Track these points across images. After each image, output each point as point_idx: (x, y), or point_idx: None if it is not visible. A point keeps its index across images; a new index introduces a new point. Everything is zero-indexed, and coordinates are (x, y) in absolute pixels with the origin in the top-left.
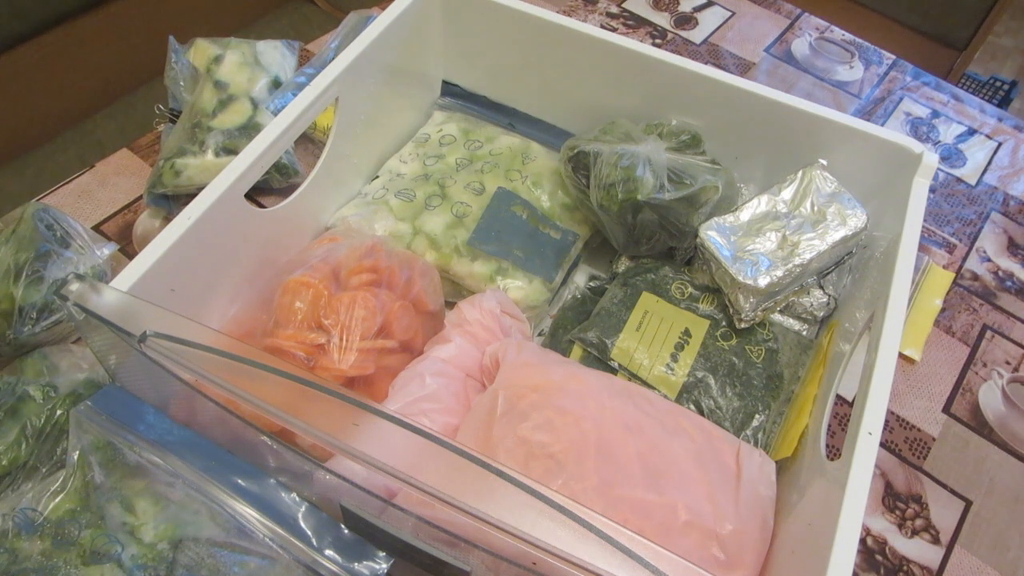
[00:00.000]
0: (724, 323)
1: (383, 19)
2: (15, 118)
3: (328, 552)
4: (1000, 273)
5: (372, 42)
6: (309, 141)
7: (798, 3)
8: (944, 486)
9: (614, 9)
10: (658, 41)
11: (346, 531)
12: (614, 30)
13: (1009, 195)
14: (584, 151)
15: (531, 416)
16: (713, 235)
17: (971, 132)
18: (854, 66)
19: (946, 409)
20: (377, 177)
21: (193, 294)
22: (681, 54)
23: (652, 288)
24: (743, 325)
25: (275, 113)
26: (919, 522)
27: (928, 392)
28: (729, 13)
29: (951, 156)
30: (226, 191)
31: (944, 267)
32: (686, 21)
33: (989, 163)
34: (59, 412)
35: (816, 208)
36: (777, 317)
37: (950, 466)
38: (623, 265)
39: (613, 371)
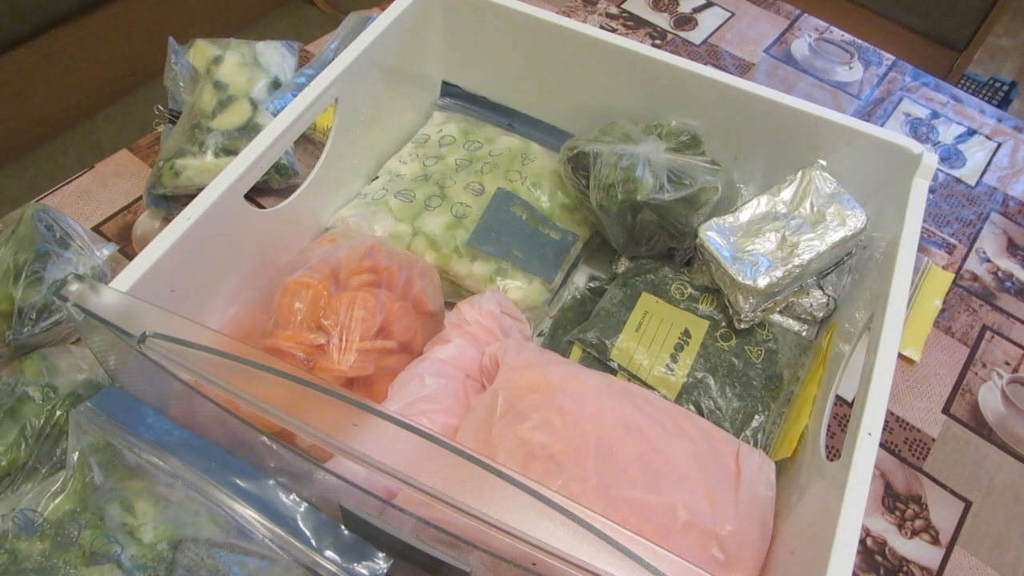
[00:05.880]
0: (724, 324)
1: (383, 20)
2: (15, 118)
3: (328, 553)
4: (1000, 274)
5: (372, 43)
6: (309, 141)
7: (797, 4)
8: (944, 487)
9: (614, 10)
10: (657, 42)
11: (346, 532)
12: (614, 31)
13: (1008, 196)
14: (583, 152)
15: (531, 417)
16: (713, 236)
17: (970, 133)
18: (853, 67)
19: (946, 410)
20: (376, 178)
21: (193, 295)
22: (680, 55)
23: (652, 289)
24: (743, 326)
25: (275, 114)
26: (919, 523)
27: (928, 393)
28: (728, 14)
29: (950, 157)
30: (226, 192)
31: (944, 268)
32: (685, 22)
33: (988, 164)
34: (59, 413)
35: (815, 209)
36: (777, 318)
37: (950, 467)
38: (623, 266)
39: (613, 372)
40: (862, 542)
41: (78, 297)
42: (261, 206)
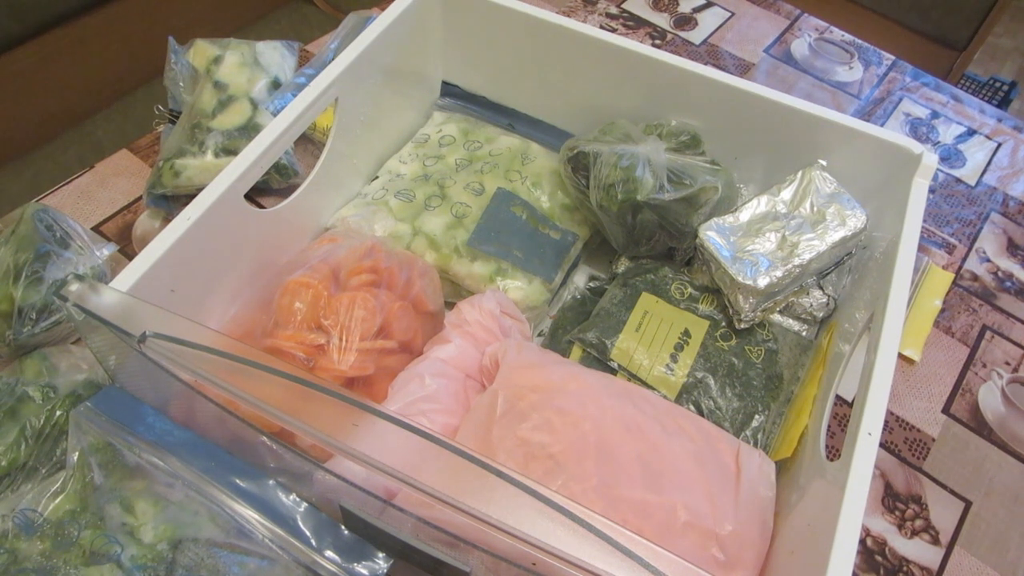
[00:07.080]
0: (724, 324)
1: (383, 20)
2: (15, 118)
3: (328, 553)
4: (1000, 274)
5: (372, 43)
6: (309, 141)
7: (797, 4)
8: (944, 487)
9: (614, 10)
10: (657, 42)
11: (346, 532)
12: (614, 31)
13: (1008, 196)
14: (583, 151)
15: (531, 417)
16: (713, 235)
17: (970, 133)
18: (853, 67)
19: (946, 410)
20: (376, 178)
21: (193, 294)
22: (680, 55)
23: (652, 289)
24: (743, 326)
25: (275, 114)
26: (919, 523)
27: (928, 393)
28: (728, 14)
29: (950, 156)
30: (226, 192)
31: (944, 268)
32: (685, 22)
33: (988, 164)
34: (59, 413)
35: (815, 209)
36: (777, 318)
37: (950, 467)
38: (623, 266)
39: (613, 372)
40: (862, 542)
41: (78, 297)
42: (261, 206)
